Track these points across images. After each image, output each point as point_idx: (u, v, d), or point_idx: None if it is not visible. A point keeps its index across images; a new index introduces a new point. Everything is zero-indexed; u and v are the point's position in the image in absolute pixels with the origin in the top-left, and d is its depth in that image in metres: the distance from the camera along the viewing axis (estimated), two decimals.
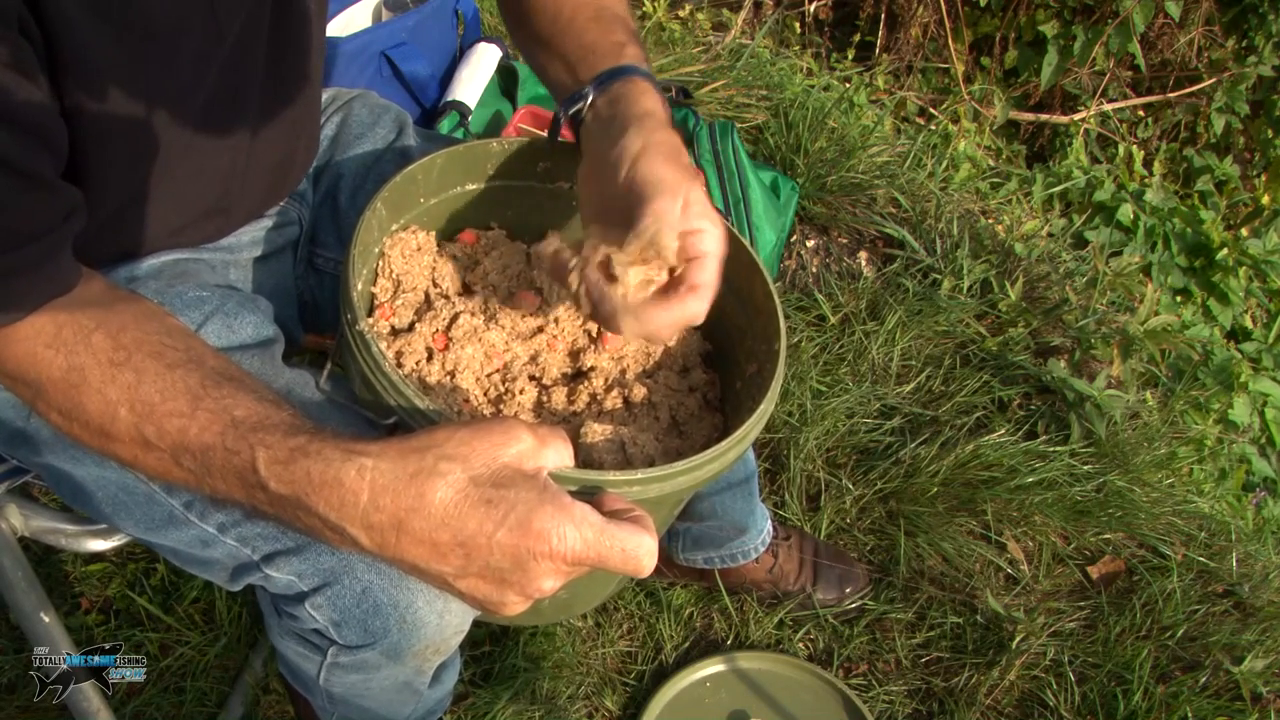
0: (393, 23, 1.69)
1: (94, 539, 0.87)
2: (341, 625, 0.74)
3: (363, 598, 0.72)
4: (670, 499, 0.69)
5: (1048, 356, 1.88)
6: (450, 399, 0.75)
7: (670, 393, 0.82)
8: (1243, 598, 1.54)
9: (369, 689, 0.86)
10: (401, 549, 0.54)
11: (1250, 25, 2.97)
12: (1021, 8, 2.97)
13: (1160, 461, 1.73)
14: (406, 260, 0.80)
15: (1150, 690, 1.36)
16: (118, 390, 0.60)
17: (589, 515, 0.53)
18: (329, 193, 0.98)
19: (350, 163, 0.97)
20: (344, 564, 0.72)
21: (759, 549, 1.33)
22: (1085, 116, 3.01)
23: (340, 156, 0.98)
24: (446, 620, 0.75)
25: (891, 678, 1.36)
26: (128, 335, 0.62)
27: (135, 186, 0.74)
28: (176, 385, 0.60)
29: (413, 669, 0.81)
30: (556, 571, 0.54)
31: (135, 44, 0.64)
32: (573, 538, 0.52)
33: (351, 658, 0.78)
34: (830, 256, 2.03)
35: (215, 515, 0.75)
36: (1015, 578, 1.52)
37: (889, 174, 2.15)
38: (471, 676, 1.28)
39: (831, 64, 2.89)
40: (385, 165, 0.97)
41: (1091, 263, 2.13)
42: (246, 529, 0.74)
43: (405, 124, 1.01)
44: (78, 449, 0.76)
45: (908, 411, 1.70)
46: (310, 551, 0.73)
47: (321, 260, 0.98)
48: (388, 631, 0.73)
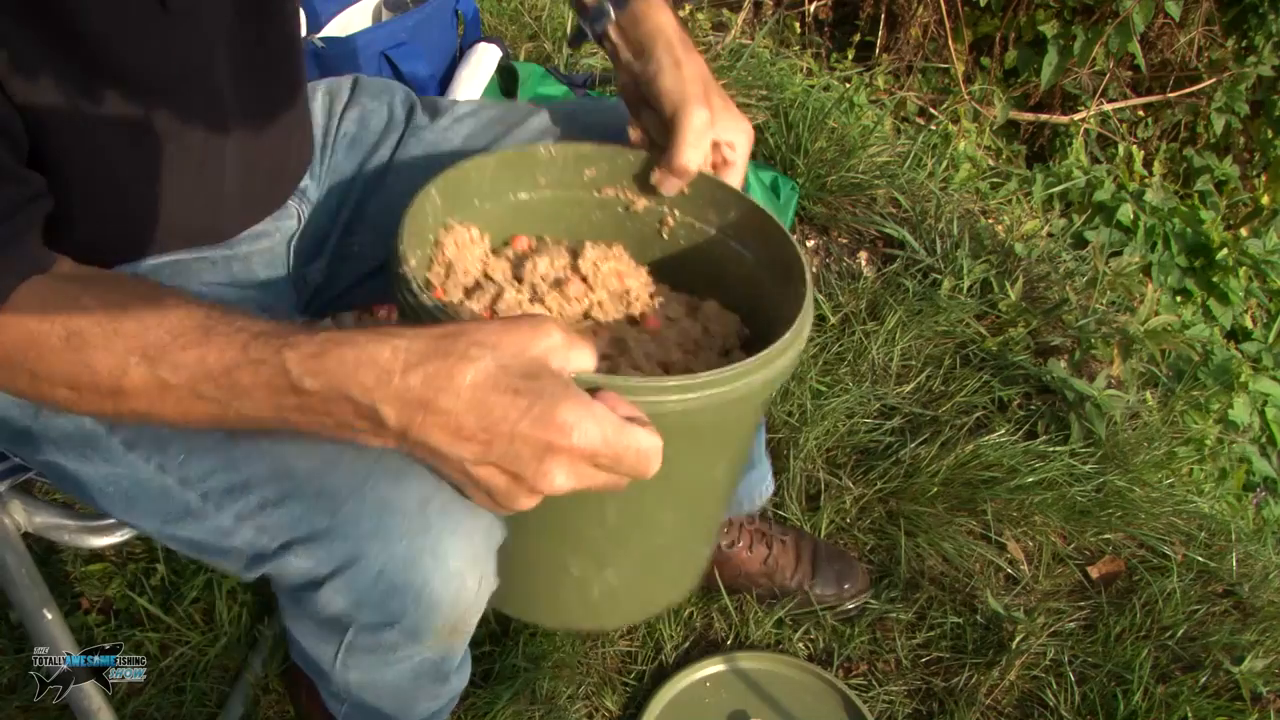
0: (393, 23, 1.69)
1: (96, 535, 0.87)
2: (361, 607, 0.73)
3: (379, 579, 0.71)
4: (707, 422, 0.68)
5: (1048, 356, 1.88)
6: None
7: (711, 367, 0.81)
8: (1243, 598, 1.54)
9: (385, 675, 0.84)
10: (426, 429, 0.55)
11: (1250, 25, 2.97)
12: (1021, 8, 2.97)
13: (1160, 461, 1.73)
14: (459, 249, 0.82)
15: (1150, 690, 1.36)
16: (124, 341, 0.59)
17: (608, 413, 0.55)
18: (364, 189, 0.98)
19: (390, 161, 0.98)
20: (359, 548, 0.71)
21: (765, 494, 1.31)
22: (1085, 116, 3.01)
23: (373, 157, 0.98)
24: (462, 597, 0.74)
25: (891, 678, 1.36)
26: (117, 293, 0.62)
27: (132, 193, 0.75)
28: (184, 322, 0.59)
29: (433, 651, 0.80)
30: (572, 467, 0.55)
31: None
32: (593, 433, 0.54)
33: (372, 638, 0.77)
34: (830, 256, 2.03)
35: (232, 505, 0.74)
36: (1015, 578, 1.52)
37: (889, 174, 2.15)
38: (471, 676, 1.28)
39: (831, 64, 2.89)
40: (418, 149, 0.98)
41: (1091, 263, 2.13)
42: (264, 517, 0.73)
43: (414, 102, 1.02)
44: (87, 446, 0.75)
45: (908, 411, 1.70)
46: (326, 538, 0.72)
47: (359, 247, 0.98)
48: (405, 611, 0.73)
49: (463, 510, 0.69)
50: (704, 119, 0.79)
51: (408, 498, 0.68)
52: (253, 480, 0.72)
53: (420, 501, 0.68)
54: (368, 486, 0.69)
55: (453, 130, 1.00)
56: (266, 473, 0.71)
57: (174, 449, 0.73)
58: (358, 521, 0.69)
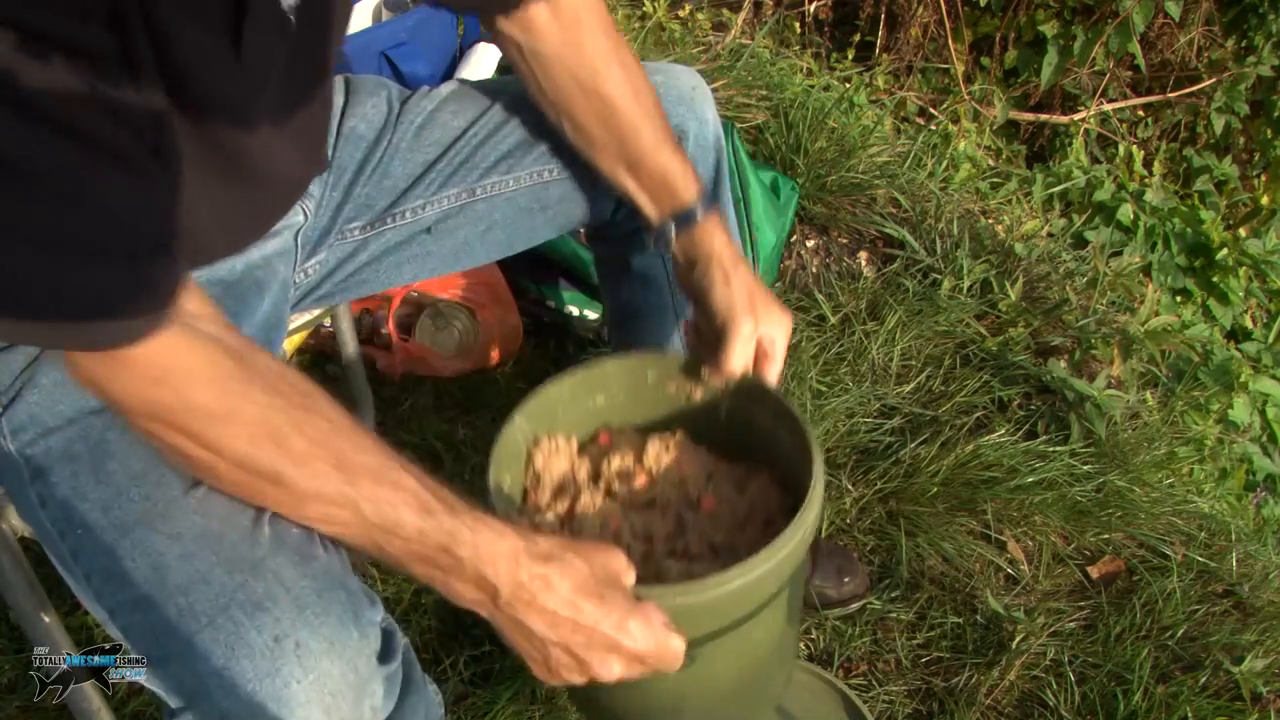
0: (393, 23, 1.69)
1: None
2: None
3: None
4: (727, 614, 0.81)
5: (1048, 356, 1.88)
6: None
7: (752, 542, 0.94)
8: (1243, 598, 1.54)
9: None
10: (529, 612, 0.68)
11: (1250, 25, 2.97)
12: (1021, 8, 2.97)
13: (1160, 461, 1.73)
14: (546, 459, 0.94)
15: (1150, 690, 1.36)
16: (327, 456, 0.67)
17: (659, 625, 0.69)
18: (365, 179, 0.99)
19: (387, 149, 1.00)
20: (204, 685, 0.67)
21: None
22: (1085, 116, 3.01)
23: (374, 152, 0.99)
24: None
25: (891, 678, 1.36)
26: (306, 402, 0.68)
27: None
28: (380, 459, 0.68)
29: None
30: (626, 662, 0.69)
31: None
32: (648, 640, 0.69)
33: None
34: (830, 256, 2.03)
35: (111, 597, 0.70)
36: (1015, 578, 1.52)
37: (889, 174, 2.15)
38: (471, 676, 1.28)
39: (831, 64, 2.89)
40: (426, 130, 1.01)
41: (1091, 263, 2.13)
42: (129, 618, 0.70)
43: (406, 95, 1.04)
44: (13, 486, 0.74)
45: (908, 411, 1.70)
46: (175, 665, 0.68)
47: (360, 231, 1.00)
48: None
49: (322, 649, 0.66)
50: (749, 329, 0.90)
51: (261, 634, 0.65)
52: (132, 575, 0.68)
53: (274, 640, 0.65)
54: (225, 615, 0.66)
55: (441, 111, 1.01)
56: (145, 570, 0.68)
57: (75, 518, 0.70)
58: (208, 656, 0.66)
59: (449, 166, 1.01)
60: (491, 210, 1.03)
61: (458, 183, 1.01)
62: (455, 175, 1.01)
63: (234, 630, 0.66)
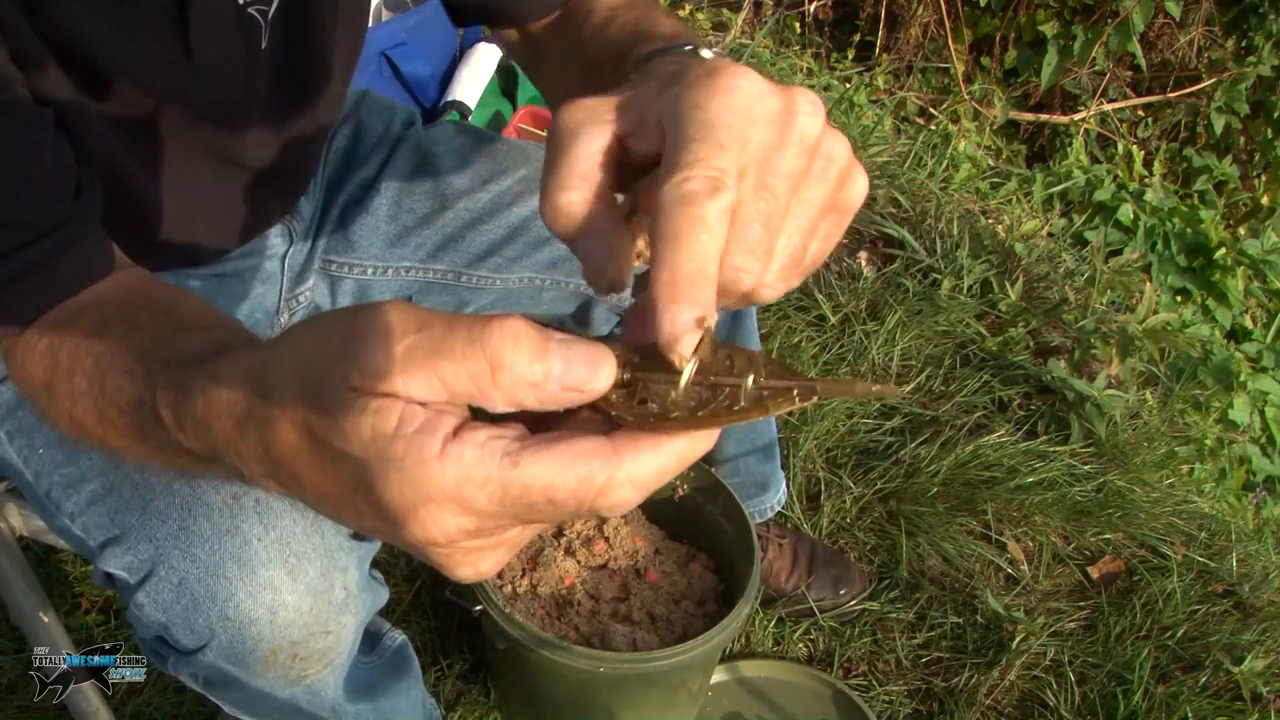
0: (393, 23, 1.69)
1: None
2: (169, 626, 0.64)
3: (180, 590, 0.63)
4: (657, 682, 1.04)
5: (1048, 356, 1.88)
6: (530, 606, 1.11)
7: (687, 616, 1.15)
8: (1243, 598, 1.54)
9: (256, 712, 0.74)
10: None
11: (1250, 25, 2.97)
12: (1021, 8, 2.97)
13: (1160, 461, 1.73)
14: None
15: (1150, 690, 1.36)
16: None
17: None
18: (349, 205, 0.96)
19: (378, 176, 0.96)
20: (160, 551, 0.62)
21: (775, 507, 1.33)
22: (1085, 116, 3.01)
23: (360, 171, 0.97)
24: (280, 616, 0.63)
25: (891, 678, 1.36)
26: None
27: (138, 216, 0.74)
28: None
29: (285, 682, 0.68)
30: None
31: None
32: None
33: (196, 668, 0.67)
34: (830, 256, 2.03)
35: (69, 500, 0.68)
36: (1015, 578, 1.52)
37: (889, 174, 2.15)
38: (468, 675, 1.28)
39: (831, 64, 2.89)
40: (417, 174, 0.96)
41: (1091, 262, 2.13)
42: (89, 514, 0.67)
43: (415, 121, 1.01)
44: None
45: (908, 411, 1.70)
46: (131, 537, 0.64)
47: (336, 268, 0.96)
48: (213, 630, 0.63)
49: (284, 507, 0.62)
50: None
51: (219, 491, 0.62)
52: (88, 473, 0.67)
53: (232, 497, 0.62)
54: (182, 478, 0.62)
55: (439, 157, 0.97)
56: (100, 464, 0.66)
57: (37, 441, 0.69)
58: (164, 518, 0.62)
59: (437, 235, 0.95)
60: (477, 297, 0.99)
61: (444, 259, 0.96)
62: (443, 251, 0.96)
63: (190, 491, 0.62)
